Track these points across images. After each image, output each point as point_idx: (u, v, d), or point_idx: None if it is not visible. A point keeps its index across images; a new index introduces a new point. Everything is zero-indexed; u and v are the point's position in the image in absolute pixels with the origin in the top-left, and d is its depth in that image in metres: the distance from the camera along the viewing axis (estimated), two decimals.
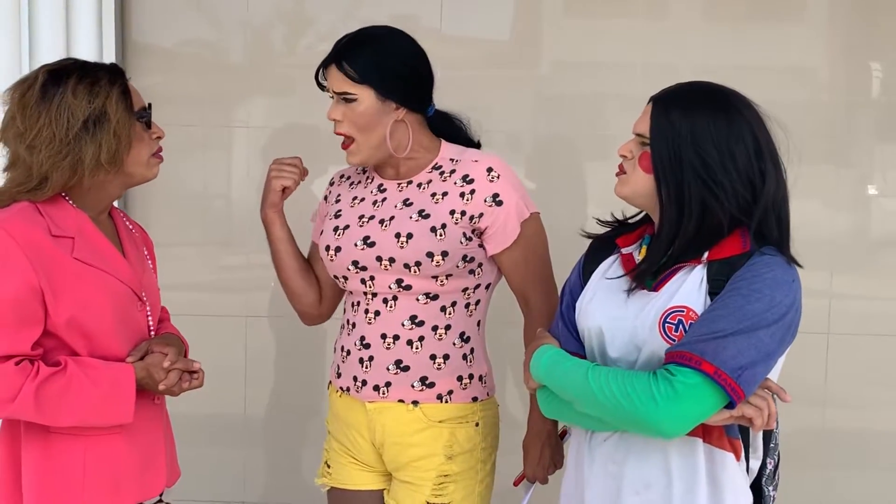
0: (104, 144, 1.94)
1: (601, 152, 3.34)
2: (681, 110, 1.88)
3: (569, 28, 3.40)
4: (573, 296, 2.04)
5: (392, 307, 2.27)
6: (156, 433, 2.11)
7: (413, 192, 2.29)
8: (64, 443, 1.96)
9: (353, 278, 2.31)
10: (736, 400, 1.76)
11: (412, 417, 2.28)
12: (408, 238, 2.22)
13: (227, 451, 3.46)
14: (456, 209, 2.24)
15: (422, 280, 2.24)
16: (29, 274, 1.88)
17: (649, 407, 1.75)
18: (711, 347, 1.75)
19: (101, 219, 2.06)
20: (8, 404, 1.88)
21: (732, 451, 1.86)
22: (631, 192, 1.95)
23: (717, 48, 3.26)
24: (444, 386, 2.28)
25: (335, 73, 2.25)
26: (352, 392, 2.33)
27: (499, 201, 2.25)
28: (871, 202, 3.37)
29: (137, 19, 3.34)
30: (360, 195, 2.37)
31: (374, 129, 2.24)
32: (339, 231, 2.33)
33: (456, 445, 2.29)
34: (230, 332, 3.37)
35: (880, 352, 3.30)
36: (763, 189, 1.86)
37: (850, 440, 3.30)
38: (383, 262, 2.24)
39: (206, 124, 3.37)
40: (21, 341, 1.89)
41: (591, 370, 1.85)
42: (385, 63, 2.24)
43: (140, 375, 1.99)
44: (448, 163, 2.30)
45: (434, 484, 2.28)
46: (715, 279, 1.84)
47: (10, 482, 1.98)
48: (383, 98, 2.23)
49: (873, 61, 3.35)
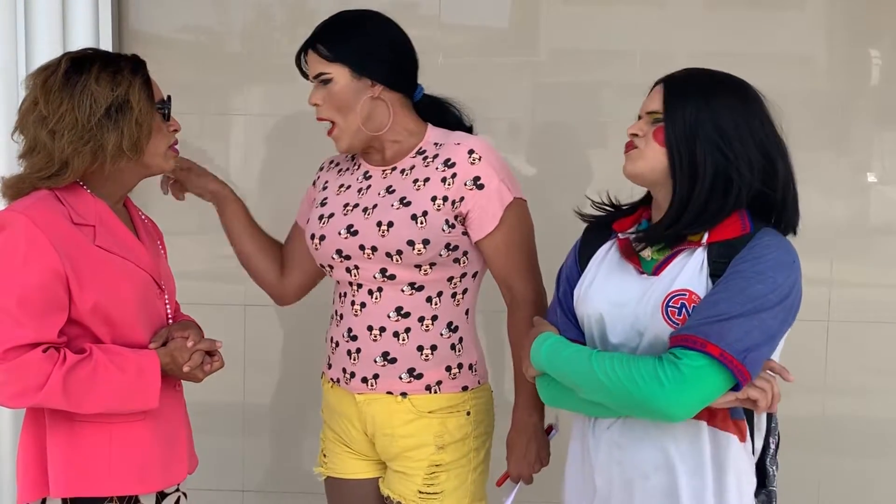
0: (126, 132, 1.95)
1: (600, 139, 3.34)
2: (695, 89, 1.90)
3: (567, 15, 3.39)
4: (570, 282, 2.03)
5: (378, 298, 2.25)
6: (177, 420, 2.13)
7: (396, 179, 2.27)
8: (89, 430, 1.97)
9: (338, 267, 2.30)
10: (742, 381, 1.77)
11: (401, 409, 2.28)
12: (388, 226, 2.20)
13: (227, 440, 3.46)
14: (437, 195, 2.20)
15: (405, 269, 2.21)
16: (54, 261, 1.89)
17: (656, 391, 1.76)
18: (716, 330, 1.76)
19: (117, 208, 2.07)
20: (37, 392, 1.89)
21: (737, 434, 1.87)
22: (644, 167, 1.92)
23: (716, 36, 3.25)
24: (432, 377, 2.27)
25: (311, 57, 2.25)
26: (341, 383, 2.34)
27: (480, 184, 2.20)
28: (871, 190, 3.37)
29: (134, 6, 3.33)
30: (347, 182, 2.35)
31: (352, 108, 2.22)
32: (323, 219, 2.32)
33: (447, 435, 2.28)
34: (229, 321, 3.37)
35: (880, 339, 3.30)
36: (780, 162, 1.88)
37: (850, 427, 3.31)
38: (366, 251, 2.22)
39: (203, 112, 3.37)
40: (48, 329, 1.90)
41: (595, 356, 1.85)
42: (358, 40, 2.23)
43: (164, 361, 2.01)
44: (432, 147, 2.27)
45: (425, 473, 2.28)
46: (716, 261, 1.84)
47: (35, 470, 1.99)
48: (358, 76, 2.22)
49: (873, 49, 3.34)
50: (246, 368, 3.39)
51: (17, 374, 1.88)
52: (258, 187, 3.44)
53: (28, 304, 1.88)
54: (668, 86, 1.93)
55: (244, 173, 3.45)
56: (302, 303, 3.49)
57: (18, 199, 1.98)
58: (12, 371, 1.87)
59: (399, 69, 2.27)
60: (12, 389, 1.90)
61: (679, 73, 1.96)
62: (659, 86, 1.95)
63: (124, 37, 3.32)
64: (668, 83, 1.93)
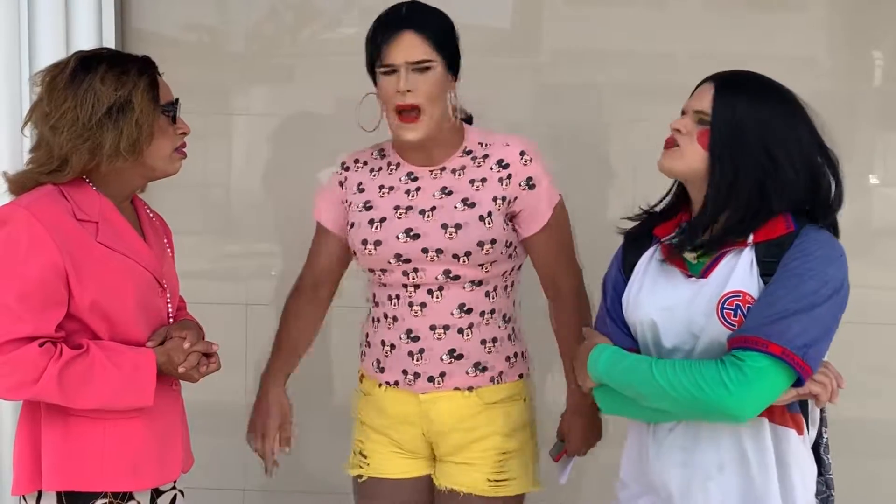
0: (125, 132, 1.96)
1: (602, 140, 3.34)
2: (745, 93, 1.90)
3: (569, 16, 3.39)
4: (617, 291, 2.04)
5: (439, 297, 2.26)
6: (173, 419, 2.13)
7: (450, 180, 2.27)
8: (84, 425, 1.98)
9: (393, 271, 2.28)
10: (804, 377, 1.80)
11: (468, 403, 2.30)
12: (457, 228, 2.22)
13: (228, 439, 3.45)
14: (497, 195, 2.25)
15: (470, 269, 2.24)
16: (54, 255, 1.90)
17: (722, 394, 1.78)
18: (776, 329, 1.78)
19: (123, 206, 2.08)
20: (32, 386, 1.90)
21: (795, 427, 1.89)
22: (684, 166, 1.93)
23: (718, 36, 3.25)
24: (496, 368, 2.32)
25: (413, 40, 2.17)
26: (401, 385, 2.32)
27: (532, 185, 2.27)
28: (873, 191, 3.37)
29: (137, 5, 3.34)
30: (388, 184, 2.32)
31: (440, 99, 2.22)
32: (375, 224, 2.29)
33: (511, 423, 2.33)
34: (231, 320, 3.37)
35: (882, 341, 3.30)
36: (827, 172, 1.90)
37: (851, 429, 3.29)
38: (430, 254, 2.23)
39: (206, 112, 3.36)
40: (45, 323, 1.91)
41: (656, 364, 1.87)
42: (450, 33, 2.25)
43: (160, 360, 2.01)
44: (478, 147, 2.29)
45: (494, 461, 2.31)
46: (764, 261, 1.87)
47: (30, 463, 2.00)
48: (447, 70, 2.23)
49: (875, 50, 3.34)
50: (247, 367, 3.39)
51: (13, 367, 1.89)
52: (260, 187, 3.45)
53: (27, 298, 1.89)
54: (719, 87, 1.91)
55: (246, 173, 3.46)
56: None
57: (22, 195, 1.99)
58: (9, 364, 1.89)
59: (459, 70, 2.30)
60: (8, 382, 1.92)
61: (729, 74, 1.96)
62: (708, 84, 1.94)
63: (127, 36, 3.32)
64: (718, 84, 1.92)
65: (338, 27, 3.44)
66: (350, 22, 3.43)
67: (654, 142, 2.71)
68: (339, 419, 3.39)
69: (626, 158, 3.25)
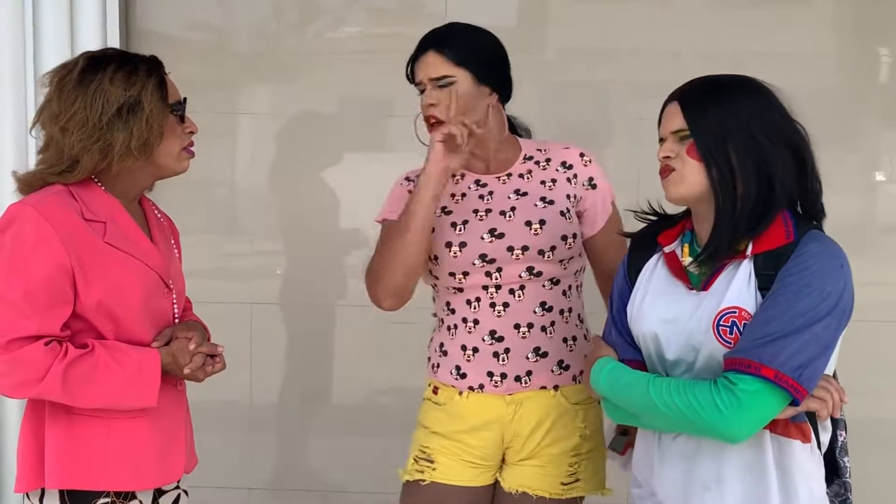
0: (135, 132, 1.96)
1: (607, 137, 3.34)
2: (709, 95, 1.88)
3: (575, 14, 3.39)
4: (622, 299, 2.02)
5: (521, 296, 2.28)
6: (177, 419, 2.12)
7: (520, 183, 2.33)
8: (87, 424, 1.97)
9: (475, 273, 2.28)
10: (799, 398, 1.77)
11: (553, 403, 2.31)
12: (541, 224, 2.26)
13: (233, 438, 3.47)
14: (570, 194, 2.33)
15: (552, 265, 2.28)
16: (61, 255, 1.90)
17: (715, 416, 1.76)
18: (769, 351, 1.74)
19: (131, 206, 2.08)
20: (36, 384, 1.90)
21: (800, 437, 1.86)
22: (687, 188, 1.89)
23: (723, 33, 3.25)
24: (577, 367, 2.33)
25: (434, 59, 2.27)
26: (487, 388, 2.31)
27: (593, 184, 2.35)
28: (879, 188, 3.37)
29: (141, 5, 3.34)
30: (458, 191, 2.35)
31: (469, 111, 2.24)
32: (457, 227, 2.30)
33: (589, 425, 2.34)
34: (235, 319, 3.37)
35: (888, 338, 3.30)
36: (806, 151, 1.87)
37: (860, 427, 3.28)
38: (515, 252, 2.25)
39: (210, 111, 3.37)
40: (51, 322, 1.91)
41: (652, 383, 1.85)
42: (480, 49, 2.30)
43: (165, 361, 2.01)
44: (538, 153, 2.37)
45: (569, 464, 2.32)
46: (762, 273, 1.83)
47: (34, 461, 2.00)
48: (479, 83, 2.27)
49: (881, 46, 3.34)
50: (252, 366, 3.40)
51: (18, 366, 1.89)
52: (264, 186, 3.45)
53: (33, 296, 1.89)
54: (683, 100, 1.90)
55: (250, 172, 3.46)
56: (307, 302, 3.50)
57: (31, 194, 1.99)
58: (14, 362, 1.89)
59: (509, 81, 2.35)
60: (13, 380, 1.91)
61: (686, 85, 1.93)
62: (673, 104, 1.92)
63: (132, 35, 3.32)
64: (681, 98, 1.91)
65: (342, 26, 3.44)
66: (354, 21, 3.43)
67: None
68: (343, 418, 3.40)
69: (632, 156, 3.25)
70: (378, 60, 3.30)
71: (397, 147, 3.35)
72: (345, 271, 3.42)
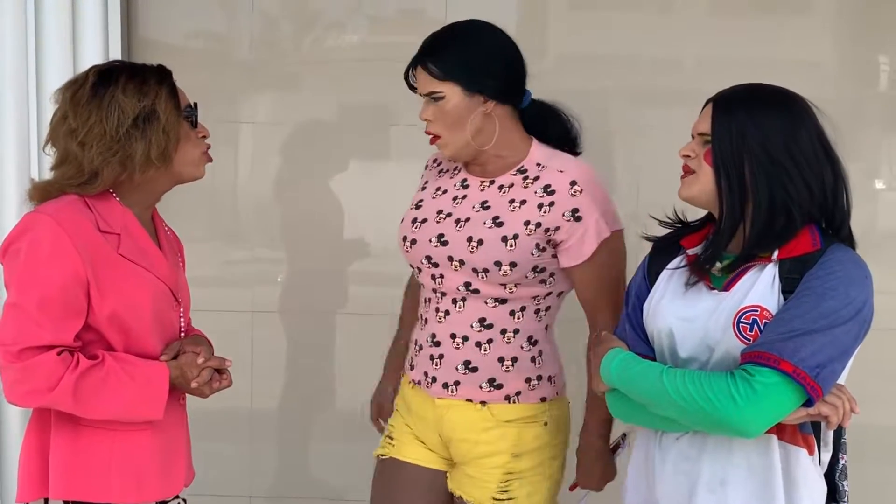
0: (154, 141, 1.97)
1: (607, 146, 3.34)
2: (742, 105, 1.89)
3: (574, 21, 3.39)
4: (639, 298, 2.03)
5: (461, 308, 2.27)
6: (179, 433, 2.14)
7: (493, 195, 2.27)
8: (92, 435, 1.98)
9: (425, 272, 2.31)
10: (815, 398, 1.78)
11: (480, 416, 2.29)
12: (478, 244, 2.22)
13: (234, 446, 3.47)
14: (531, 220, 2.20)
15: (490, 286, 2.23)
16: (77, 265, 1.91)
17: (729, 408, 1.76)
18: (790, 346, 1.76)
19: (145, 216, 2.09)
20: (47, 393, 1.91)
21: (805, 447, 1.87)
22: (699, 190, 1.93)
23: (723, 41, 3.24)
24: (512, 387, 2.28)
25: (421, 74, 2.24)
26: (422, 386, 2.35)
27: (577, 217, 2.20)
28: (879, 196, 3.37)
29: (143, 14, 3.35)
30: (445, 186, 2.36)
31: (462, 125, 2.22)
32: (416, 223, 2.33)
33: (523, 444, 2.29)
34: (236, 327, 3.37)
35: (888, 346, 3.29)
36: (833, 181, 1.88)
37: (862, 435, 3.28)
38: (454, 263, 2.24)
39: (212, 119, 3.37)
40: (64, 332, 1.91)
41: (666, 372, 1.85)
42: (468, 56, 2.22)
43: (174, 374, 2.02)
44: (534, 167, 2.26)
45: (500, 481, 2.29)
46: (787, 277, 1.85)
47: (37, 471, 2.00)
48: (470, 93, 2.21)
49: (881, 55, 3.34)
50: (253, 375, 3.40)
51: (29, 374, 1.90)
52: (266, 194, 3.45)
53: (48, 305, 1.89)
54: (716, 105, 1.92)
55: (252, 180, 3.46)
56: (308, 309, 3.50)
57: (47, 202, 1.99)
58: (26, 370, 1.89)
59: (510, 81, 2.27)
60: (24, 388, 1.92)
61: (727, 90, 1.95)
62: (708, 105, 1.94)
63: (133, 45, 3.33)
64: (716, 102, 1.93)
65: (343, 34, 3.45)
66: (355, 29, 3.44)
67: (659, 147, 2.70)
68: (345, 425, 3.40)
69: (632, 164, 3.26)
70: (379, 68, 3.30)
71: (399, 155, 3.36)
72: (346, 279, 3.42)
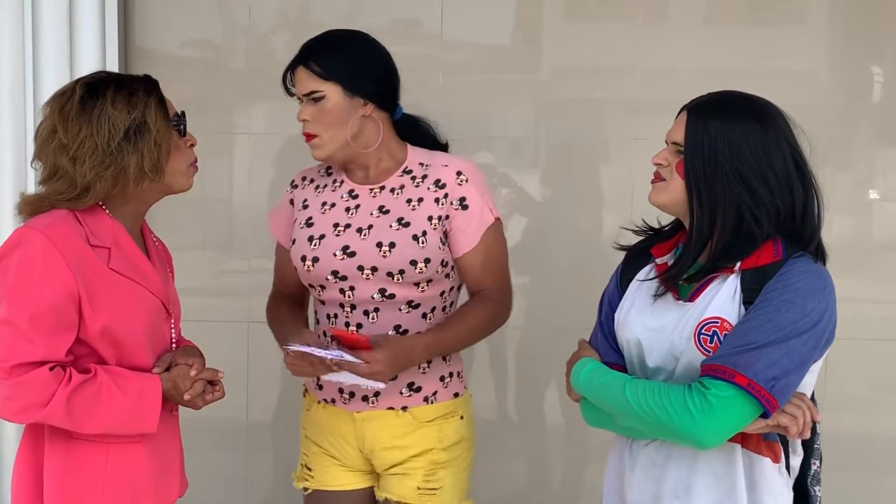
0: (146, 153, 1.97)
1: (602, 156, 3.35)
2: (716, 118, 1.88)
3: (569, 32, 3.40)
4: (612, 306, 2.05)
5: (375, 318, 2.27)
6: (172, 445, 2.13)
7: (388, 199, 2.29)
8: (86, 449, 1.97)
9: (330, 288, 2.29)
10: (770, 410, 1.79)
11: (402, 422, 2.31)
12: (390, 247, 2.23)
13: (230, 456, 3.46)
14: (433, 215, 2.26)
15: (404, 288, 2.25)
16: (68, 280, 1.90)
17: (685, 420, 1.78)
18: (744, 359, 1.77)
19: (134, 229, 2.08)
20: (40, 409, 1.90)
21: (771, 455, 1.88)
22: (668, 199, 1.94)
23: (717, 52, 3.26)
24: (429, 388, 2.32)
25: (302, 74, 2.27)
26: (338, 403, 2.33)
27: (465, 205, 2.27)
28: (873, 206, 3.38)
29: (140, 23, 3.35)
30: (330, 200, 2.35)
31: (341, 125, 2.24)
32: (314, 241, 2.31)
33: (445, 439, 2.34)
34: (232, 337, 3.37)
35: (881, 356, 3.30)
36: (803, 197, 1.88)
37: (852, 445, 3.30)
38: (365, 272, 2.24)
39: (207, 129, 3.37)
40: (56, 347, 1.90)
41: (629, 384, 1.87)
42: (350, 59, 2.26)
43: (166, 387, 2.01)
44: (418, 167, 2.31)
45: (425, 472, 2.32)
46: (748, 288, 1.85)
47: (31, 485, 1.99)
48: (351, 94, 2.24)
49: (874, 65, 3.35)
50: (249, 385, 3.39)
51: (22, 391, 1.88)
52: (261, 204, 3.45)
53: (39, 321, 1.88)
54: (690, 114, 1.92)
55: (247, 190, 3.46)
56: None
57: (37, 217, 1.98)
58: (19, 387, 1.88)
59: (387, 89, 2.31)
60: (17, 405, 1.91)
61: (702, 99, 1.95)
62: (683, 113, 1.94)
63: (130, 54, 3.33)
64: (690, 112, 1.92)
65: None
66: None
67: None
68: None
69: (627, 174, 3.26)
70: None
71: None
72: None
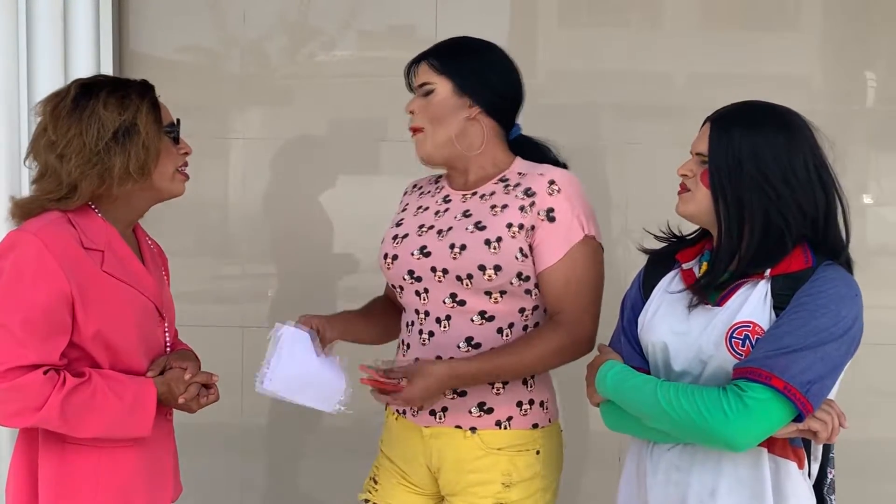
0: (133, 155, 1.97)
1: (598, 161, 3.35)
2: (739, 127, 1.91)
3: (564, 37, 3.41)
4: (634, 311, 2.05)
5: (446, 328, 2.21)
6: (165, 449, 2.13)
7: (475, 204, 2.25)
8: (79, 453, 1.97)
9: (408, 289, 2.26)
10: (805, 413, 1.80)
11: (470, 444, 2.21)
12: (461, 249, 2.18)
13: (224, 462, 3.45)
14: (514, 222, 2.17)
15: (475, 295, 2.18)
16: (62, 283, 1.90)
17: (720, 422, 1.79)
18: (781, 363, 1.78)
19: (126, 233, 2.08)
20: (34, 413, 1.90)
21: (796, 460, 1.89)
22: (695, 209, 1.96)
23: (712, 57, 3.27)
24: (503, 412, 2.20)
25: (422, 66, 2.29)
26: (408, 416, 2.27)
27: (552, 217, 2.17)
28: (867, 211, 3.38)
29: (134, 28, 3.35)
30: (426, 204, 2.34)
31: (445, 122, 2.24)
32: (398, 239, 2.30)
33: (515, 474, 2.20)
34: (227, 343, 3.36)
35: (877, 361, 3.30)
36: (825, 202, 1.90)
37: (848, 450, 3.28)
38: (437, 273, 2.20)
39: (202, 134, 3.38)
40: (50, 351, 1.90)
41: (660, 386, 1.87)
42: (469, 61, 2.28)
43: (161, 390, 2.01)
44: (515, 176, 2.25)
45: None
46: (779, 294, 1.87)
47: (26, 489, 1.99)
48: (460, 93, 2.24)
49: (868, 70, 3.36)
50: (243, 390, 3.38)
51: (16, 395, 1.88)
52: (256, 209, 3.45)
53: (33, 325, 1.88)
54: (714, 124, 1.94)
55: (243, 195, 3.46)
56: None
57: (30, 220, 1.98)
58: (12, 391, 1.88)
59: (501, 99, 2.30)
60: (11, 409, 1.91)
61: (725, 109, 1.97)
62: (706, 124, 1.97)
63: (125, 59, 3.33)
64: (714, 123, 1.95)
65: (334, 49, 3.46)
66: (346, 44, 3.45)
67: (649, 162, 2.71)
68: (333, 442, 3.39)
69: (622, 179, 3.27)
70: (370, 84, 3.31)
71: (389, 170, 3.36)
72: (337, 294, 3.42)
